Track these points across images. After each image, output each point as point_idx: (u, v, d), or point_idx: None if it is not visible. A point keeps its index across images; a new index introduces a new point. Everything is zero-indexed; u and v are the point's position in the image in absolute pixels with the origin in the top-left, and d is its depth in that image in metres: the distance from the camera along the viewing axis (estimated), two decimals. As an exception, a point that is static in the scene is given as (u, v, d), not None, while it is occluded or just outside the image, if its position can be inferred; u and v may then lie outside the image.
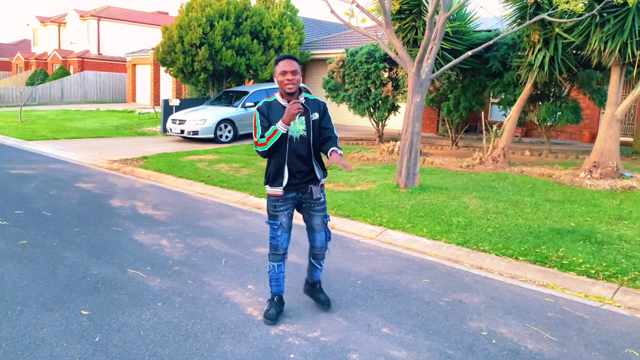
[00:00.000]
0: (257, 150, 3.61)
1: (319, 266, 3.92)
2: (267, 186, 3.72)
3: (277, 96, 3.64)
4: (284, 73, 3.50)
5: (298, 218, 3.90)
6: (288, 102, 3.56)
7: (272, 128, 3.50)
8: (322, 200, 3.76)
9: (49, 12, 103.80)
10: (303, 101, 3.62)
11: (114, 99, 32.86)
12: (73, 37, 36.83)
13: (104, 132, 15.96)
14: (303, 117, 3.59)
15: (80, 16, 35.75)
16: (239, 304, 4.02)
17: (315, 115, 3.64)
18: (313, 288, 4.01)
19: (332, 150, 3.54)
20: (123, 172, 9.83)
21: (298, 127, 3.57)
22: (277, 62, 3.55)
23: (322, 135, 3.68)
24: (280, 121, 3.48)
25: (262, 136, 3.55)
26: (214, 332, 3.56)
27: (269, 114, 3.59)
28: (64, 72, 32.97)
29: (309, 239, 3.87)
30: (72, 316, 3.71)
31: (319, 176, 3.69)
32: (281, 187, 3.62)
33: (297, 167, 3.61)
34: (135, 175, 9.51)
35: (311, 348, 3.38)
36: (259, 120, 3.59)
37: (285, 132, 3.50)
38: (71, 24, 37.08)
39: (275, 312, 3.75)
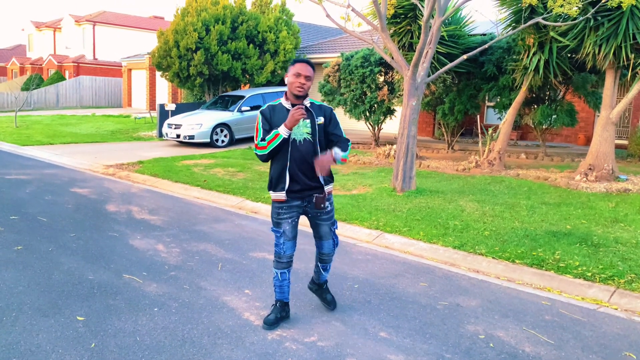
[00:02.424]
0: (256, 154, 3.55)
1: (325, 271, 3.92)
2: (270, 192, 3.64)
3: (282, 100, 3.60)
4: (297, 75, 3.46)
5: (302, 225, 3.88)
6: (293, 105, 3.52)
7: (273, 132, 3.45)
8: (329, 209, 3.71)
9: (44, 17, 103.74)
10: (308, 105, 3.59)
11: (110, 104, 32.79)
12: (68, 42, 36.77)
13: (99, 137, 15.92)
14: (308, 121, 3.54)
15: (76, 21, 35.70)
16: (235, 309, 4.00)
17: (320, 120, 3.59)
18: (320, 288, 4.03)
19: (330, 151, 3.45)
20: (119, 177, 9.80)
21: (302, 130, 3.52)
22: (293, 62, 3.52)
23: (329, 141, 3.63)
24: (282, 125, 3.43)
25: (262, 139, 3.49)
26: (211, 337, 3.54)
27: (272, 117, 3.54)
28: (59, 77, 32.89)
29: (317, 246, 3.83)
30: (67, 322, 3.69)
31: (322, 181, 3.61)
32: (284, 192, 3.55)
33: (299, 170, 3.53)
34: (131, 180, 9.48)
35: (308, 353, 3.36)
36: (261, 124, 3.54)
37: (287, 137, 3.45)
38: (66, 29, 37.03)
39: (274, 317, 3.72)
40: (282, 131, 3.43)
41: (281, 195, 3.57)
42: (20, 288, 4.27)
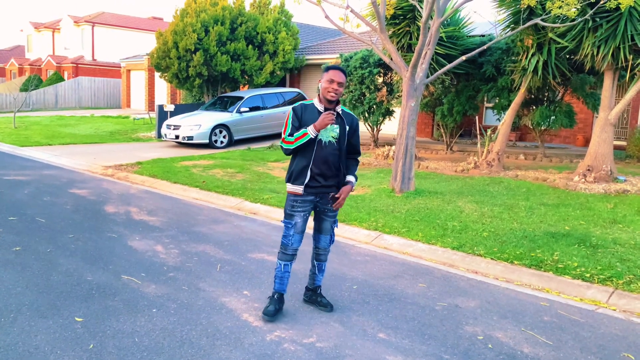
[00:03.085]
0: (281, 146, 3.77)
1: (320, 270, 4.06)
2: (288, 184, 3.83)
3: (315, 101, 3.81)
4: (331, 81, 3.66)
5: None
6: (325, 108, 3.74)
7: (302, 130, 3.66)
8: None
9: (43, 18, 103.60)
10: (340, 112, 3.79)
11: (109, 105, 32.76)
12: (67, 42, 36.74)
13: (98, 138, 15.91)
14: (336, 126, 3.75)
15: (75, 22, 35.67)
16: (234, 309, 4.00)
17: (347, 128, 3.81)
18: (314, 293, 4.13)
19: (345, 185, 3.82)
20: (117, 177, 9.79)
21: (329, 133, 3.73)
22: (327, 69, 3.72)
23: (348, 147, 3.87)
24: (312, 126, 3.64)
25: (290, 134, 3.71)
26: (210, 338, 3.54)
27: (302, 115, 3.77)
28: (58, 78, 32.85)
29: (314, 239, 4.02)
30: (66, 323, 3.69)
31: (337, 183, 3.84)
32: (302, 186, 3.74)
33: (320, 170, 3.74)
34: (129, 181, 9.48)
35: (307, 354, 3.36)
36: (291, 119, 3.75)
37: (314, 137, 3.65)
38: (65, 30, 37.00)
39: (274, 309, 3.83)
40: (311, 131, 3.64)
41: (298, 189, 3.76)
42: (18, 289, 4.27)
